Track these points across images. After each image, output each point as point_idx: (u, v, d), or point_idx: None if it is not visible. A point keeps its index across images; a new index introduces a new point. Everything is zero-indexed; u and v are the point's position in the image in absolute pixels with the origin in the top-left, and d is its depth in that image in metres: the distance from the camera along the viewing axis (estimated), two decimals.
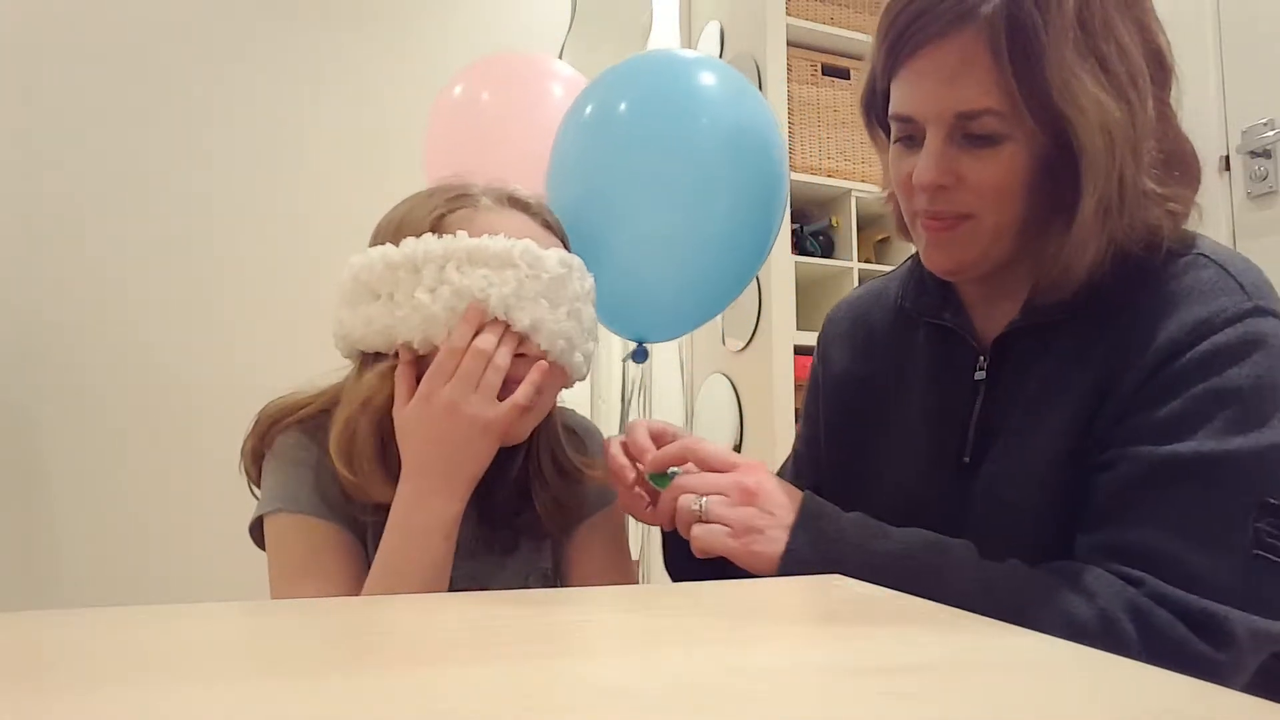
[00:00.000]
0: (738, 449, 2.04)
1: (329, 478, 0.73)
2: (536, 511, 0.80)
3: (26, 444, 1.79)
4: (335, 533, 0.72)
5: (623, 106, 0.88)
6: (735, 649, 0.38)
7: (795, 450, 0.97)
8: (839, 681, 0.33)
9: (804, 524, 0.65)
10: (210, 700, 0.29)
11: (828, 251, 2.08)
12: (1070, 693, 0.31)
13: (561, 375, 0.76)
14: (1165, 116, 0.66)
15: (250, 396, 0.82)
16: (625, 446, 0.78)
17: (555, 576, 0.84)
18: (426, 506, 0.69)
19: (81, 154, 1.87)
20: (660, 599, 0.55)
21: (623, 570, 0.86)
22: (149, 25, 1.94)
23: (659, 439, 0.77)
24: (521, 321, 0.69)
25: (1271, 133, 1.56)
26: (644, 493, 0.77)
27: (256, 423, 0.78)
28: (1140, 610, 0.57)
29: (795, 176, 2.02)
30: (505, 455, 0.80)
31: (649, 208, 0.85)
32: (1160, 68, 0.65)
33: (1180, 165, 0.67)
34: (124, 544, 1.78)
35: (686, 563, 0.76)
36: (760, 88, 2.06)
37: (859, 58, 2.20)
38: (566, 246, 0.80)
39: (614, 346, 2.31)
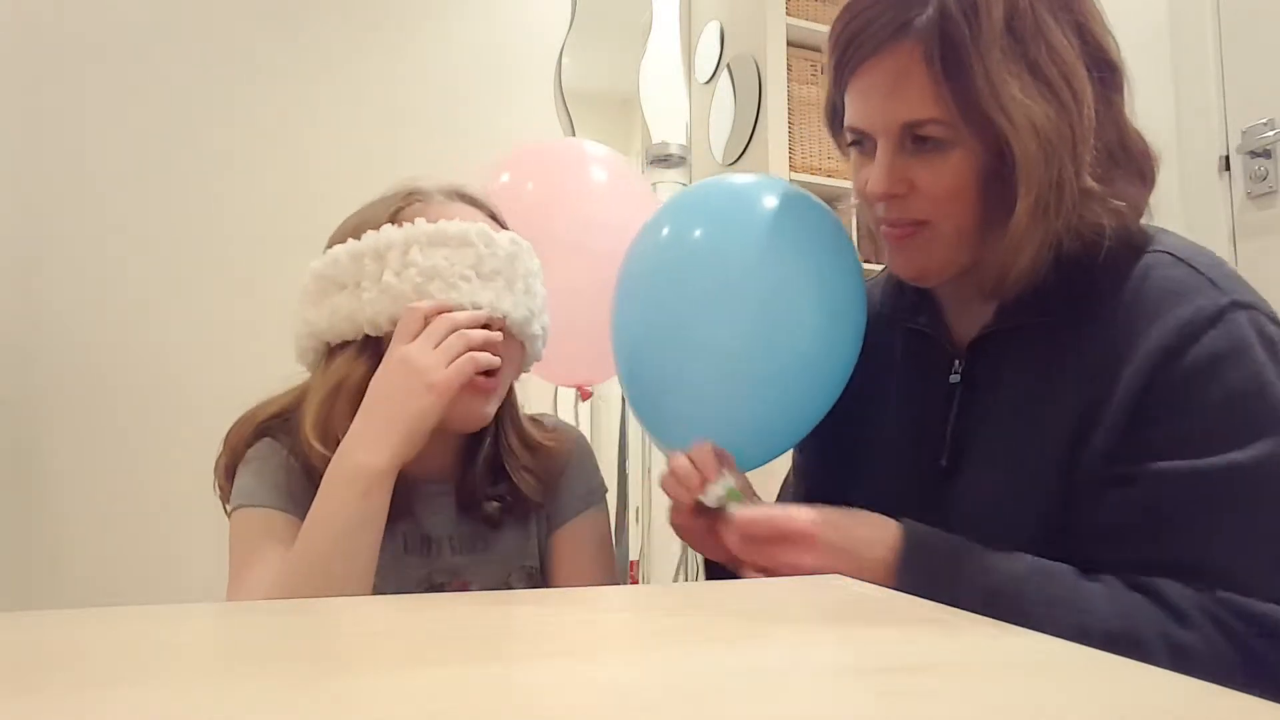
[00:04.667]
0: None
1: (294, 471, 0.74)
2: (513, 487, 0.82)
3: (26, 443, 1.79)
4: (289, 522, 0.72)
5: (698, 233, 0.80)
6: (735, 649, 0.38)
7: (794, 461, 0.96)
8: (839, 681, 0.33)
9: (908, 564, 0.62)
10: (206, 699, 0.29)
11: None
12: (1070, 693, 0.31)
13: (520, 350, 0.80)
14: (1115, 115, 0.67)
15: (251, 397, 0.82)
16: (688, 464, 0.72)
17: (541, 575, 0.84)
18: (351, 456, 0.67)
19: (83, 153, 1.87)
20: (660, 599, 0.55)
21: (607, 570, 0.87)
22: (151, 26, 1.94)
23: (722, 460, 0.73)
24: (484, 296, 0.73)
25: (1271, 133, 1.55)
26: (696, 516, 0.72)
27: (226, 440, 0.79)
28: (1225, 626, 0.57)
29: (795, 176, 2.02)
30: (474, 439, 0.83)
31: (722, 332, 0.76)
32: (1107, 68, 0.65)
33: (1129, 164, 0.67)
34: (124, 544, 1.78)
35: None
36: (760, 88, 2.06)
37: None
38: None
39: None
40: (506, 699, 0.29)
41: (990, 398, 0.71)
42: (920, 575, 0.61)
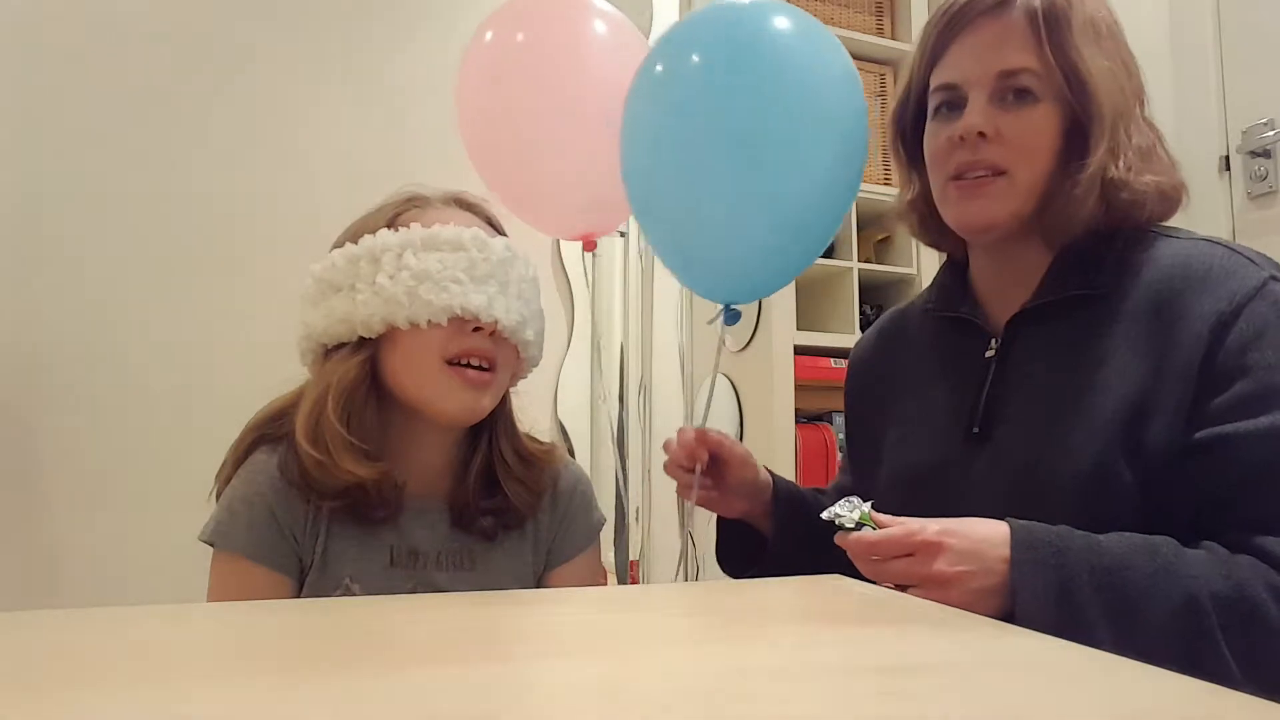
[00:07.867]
0: None
1: (279, 497, 0.74)
2: (506, 499, 0.82)
3: (26, 444, 1.79)
4: (262, 575, 0.73)
5: (696, 58, 0.88)
6: (735, 649, 0.38)
7: (840, 477, 1.00)
8: (839, 681, 0.33)
9: (1022, 555, 0.64)
10: (207, 699, 0.29)
11: (827, 251, 2.08)
12: (1070, 693, 0.31)
13: (514, 353, 0.80)
14: (1151, 125, 0.77)
15: (250, 397, 0.82)
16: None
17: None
18: None
19: (83, 153, 1.87)
20: (660, 599, 0.55)
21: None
22: (147, 26, 1.94)
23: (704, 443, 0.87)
24: (476, 300, 0.74)
25: (1271, 133, 1.56)
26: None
27: (234, 445, 0.79)
28: None
29: None
30: (469, 447, 0.83)
31: (729, 167, 0.85)
32: (1142, 91, 0.77)
33: (1156, 163, 0.76)
34: (124, 544, 1.78)
35: (740, 561, 0.91)
36: None
37: (858, 57, 2.20)
38: None
39: (630, 339, 2.31)
40: (506, 699, 0.29)
41: (1024, 370, 0.75)
42: (1035, 565, 0.63)
